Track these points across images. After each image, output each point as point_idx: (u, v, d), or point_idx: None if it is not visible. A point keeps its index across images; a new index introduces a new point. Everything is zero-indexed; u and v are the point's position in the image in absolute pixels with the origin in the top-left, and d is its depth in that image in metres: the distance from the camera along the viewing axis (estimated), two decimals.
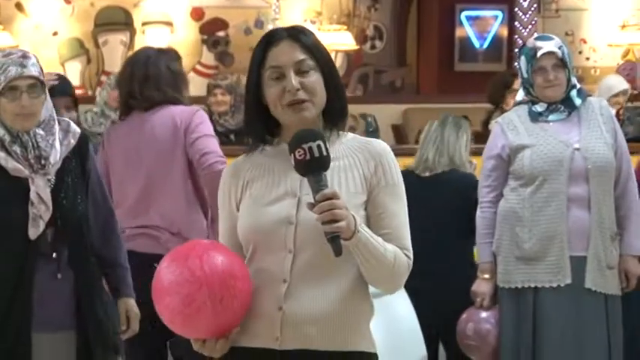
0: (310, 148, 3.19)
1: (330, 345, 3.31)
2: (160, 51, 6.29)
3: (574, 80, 5.77)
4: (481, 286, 5.82)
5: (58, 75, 8.16)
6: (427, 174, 6.54)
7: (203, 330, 3.30)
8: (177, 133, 5.79)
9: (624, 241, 5.70)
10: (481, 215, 5.88)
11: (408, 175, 6.08)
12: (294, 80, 3.31)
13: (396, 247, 3.33)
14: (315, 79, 3.34)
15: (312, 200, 3.19)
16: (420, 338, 5.18)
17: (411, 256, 3.38)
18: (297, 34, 3.37)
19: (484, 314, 5.82)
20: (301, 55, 3.34)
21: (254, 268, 3.35)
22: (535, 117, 5.76)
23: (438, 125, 6.81)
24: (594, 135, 5.67)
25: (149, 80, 5.79)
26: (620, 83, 10.87)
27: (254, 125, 3.41)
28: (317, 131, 3.26)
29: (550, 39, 5.79)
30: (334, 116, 3.40)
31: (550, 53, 5.65)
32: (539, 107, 5.76)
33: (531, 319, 5.68)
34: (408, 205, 3.44)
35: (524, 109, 5.82)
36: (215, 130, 6.40)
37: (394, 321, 4.82)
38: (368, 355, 3.38)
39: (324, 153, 3.20)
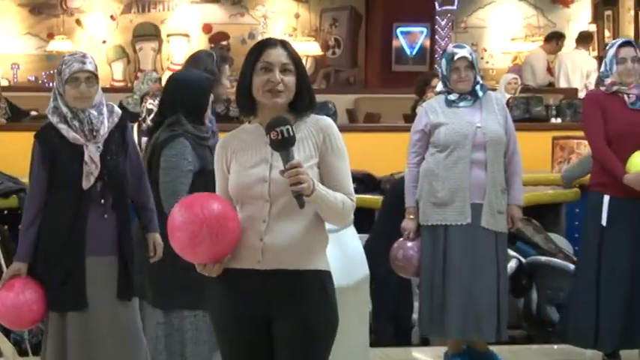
0: (282, 131, 3.22)
1: (296, 265, 3.33)
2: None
3: (479, 78, 5.78)
4: (408, 224, 5.81)
5: None
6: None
7: (204, 257, 3.33)
8: None
9: (510, 194, 5.72)
10: (409, 172, 5.86)
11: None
12: (277, 75, 3.31)
13: (343, 195, 3.35)
14: (291, 79, 3.34)
15: (283, 168, 3.22)
16: (363, 262, 5.16)
17: (354, 199, 3.40)
18: (286, 45, 3.38)
19: (410, 244, 5.82)
20: (286, 60, 3.34)
21: (243, 215, 3.36)
22: (450, 103, 5.76)
23: None
24: (491, 117, 5.70)
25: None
26: (510, 75, 11.22)
27: (244, 102, 3.41)
28: (286, 118, 3.27)
29: (464, 47, 5.81)
30: (304, 107, 3.40)
31: (463, 57, 5.68)
32: (453, 96, 5.76)
33: (442, 247, 5.71)
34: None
35: (442, 98, 5.82)
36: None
37: (344, 249, 4.78)
38: (324, 272, 3.40)
39: (292, 134, 3.23)
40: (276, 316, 3.34)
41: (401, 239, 5.88)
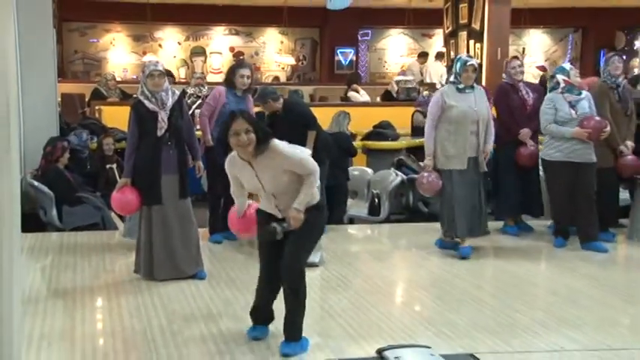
0: (272, 231, 3.21)
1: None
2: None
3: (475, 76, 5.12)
4: (427, 162, 5.17)
5: None
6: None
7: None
8: None
9: (485, 144, 5.18)
10: (429, 133, 5.14)
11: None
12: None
13: (309, 179, 3.15)
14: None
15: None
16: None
17: (314, 169, 3.17)
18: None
19: (434, 174, 5.18)
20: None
21: (263, 196, 3.25)
22: (460, 90, 5.15)
23: (336, 116, 6.54)
24: (481, 102, 5.19)
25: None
26: (400, 77, 10.90)
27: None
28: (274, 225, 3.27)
29: (473, 58, 5.23)
30: (262, 140, 3.16)
31: (472, 64, 5.10)
32: (461, 86, 5.14)
33: (451, 182, 5.18)
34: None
35: (453, 87, 5.12)
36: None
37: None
38: (318, 203, 3.27)
39: (278, 231, 3.21)
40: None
41: (424, 172, 5.22)
